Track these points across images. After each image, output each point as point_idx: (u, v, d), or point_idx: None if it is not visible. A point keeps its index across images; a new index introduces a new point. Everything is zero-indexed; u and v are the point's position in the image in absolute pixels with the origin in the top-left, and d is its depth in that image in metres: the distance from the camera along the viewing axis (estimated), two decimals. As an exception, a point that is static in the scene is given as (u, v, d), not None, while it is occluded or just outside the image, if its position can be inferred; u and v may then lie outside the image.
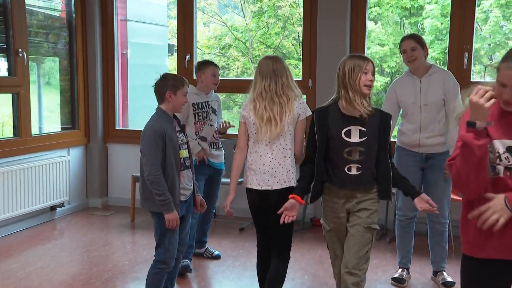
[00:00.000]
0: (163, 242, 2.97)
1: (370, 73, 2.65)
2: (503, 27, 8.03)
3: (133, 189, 5.30)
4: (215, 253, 4.22)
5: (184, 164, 3.02)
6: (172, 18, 8.76)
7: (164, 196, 2.87)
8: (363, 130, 2.61)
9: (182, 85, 2.98)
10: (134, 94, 6.61)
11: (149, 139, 2.88)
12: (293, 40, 9.39)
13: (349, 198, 2.66)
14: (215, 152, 4.02)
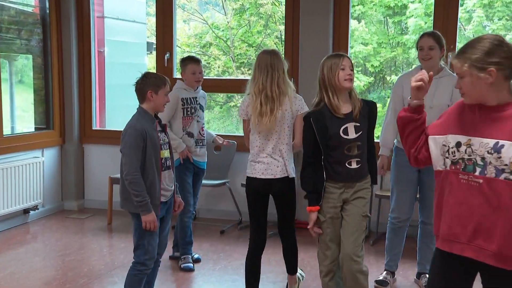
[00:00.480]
0: (143, 244, 2.95)
1: (347, 68, 2.80)
2: (486, 27, 8.14)
3: (110, 191, 5.25)
4: (194, 256, 4.20)
5: (165, 165, 3.01)
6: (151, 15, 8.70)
7: (141, 197, 2.85)
8: (357, 126, 2.82)
9: (164, 84, 2.98)
10: (112, 94, 6.55)
11: (130, 139, 2.87)
12: (275, 39, 9.40)
13: (346, 188, 2.86)
14: (200, 149, 4.05)
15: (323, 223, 2.91)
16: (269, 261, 4.23)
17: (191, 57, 4.06)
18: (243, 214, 5.29)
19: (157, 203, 2.95)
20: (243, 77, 9.12)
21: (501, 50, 1.87)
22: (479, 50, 1.88)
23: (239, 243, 4.70)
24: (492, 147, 1.88)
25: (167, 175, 3.03)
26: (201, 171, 4.13)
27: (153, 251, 2.98)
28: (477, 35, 2.12)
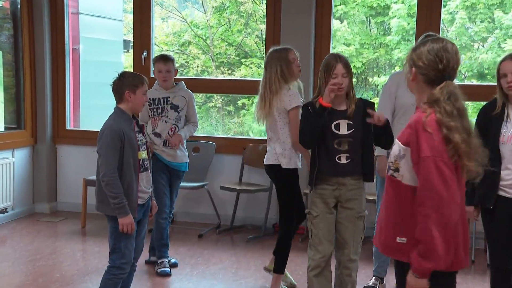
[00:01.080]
0: (119, 247, 2.93)
1: (339, 76, 2.94)
2: (468, 29, 8.27)
3: (85, 193, 5.19)
4: (171, 261, 4.17)
5: (143, 166, 2.99)
6: (128, 12, 8.63)
7: (118, 199, 2.84)
8: (350, 123, 2.97)
9: (141, 83, 2.97)
10: (87, 93, 6.48)
11: (107, 139, 2.86)
12: (256, 38, 9.41)
13: (339, 185, 3.00)
14: (169, 150, 4.02)
15: (316, 218, 3.05)
16: (249, 266, 4.22)
17: (160, 56, 4.08)
18: (221, 217, 5.28)
19: (134, 206, 2.93)
20: (222, 77, 9.11)
21: (427, 57, 1.97)
22: (417, 48, 2.02)
23: (217, 247, 4.68)
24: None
25: (145, 176, 3.01)
26: (177, 172, 4.10)
27: (130, 254, 2.96)
28: (460, 37, 2.17)
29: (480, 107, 3.04)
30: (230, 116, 9.47)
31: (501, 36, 7.92)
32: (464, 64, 8.25)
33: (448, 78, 1.97)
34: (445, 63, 1.96)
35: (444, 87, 1.94)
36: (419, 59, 1.99)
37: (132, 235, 2.94)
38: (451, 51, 1.98)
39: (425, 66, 1.97)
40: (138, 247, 3.09)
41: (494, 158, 2.77)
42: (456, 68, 2.00)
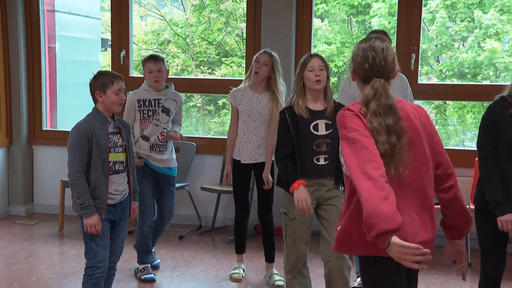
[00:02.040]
0: (90, 246, 2.93)
1: (316, 69, 2.99)
2: (449, 28, 8.37)
3: (62, 195, 5.14)
4: (154, 262, 4.14)
5: (113, 168, 2.96)
6: (105, 10, 8.56)
7: (82, 199, 2.84)
8: (328, 123, 2.98)
9: (112, 82, 2.92)
10: (64, 92, 6.43)
11: (73, 138, 2.88)
12: (236, 37, 9.41)
13: (318, 186, 3.00)
14: (157, 155, 3.91)
15: (292, 220, 3.02)
16: (230, 267, 4.23)
17: (149, 56, 4.00)
18: (202, 218, 5.28)
19: (103, 207, 2.92)
20: (202, 76, 9.09)
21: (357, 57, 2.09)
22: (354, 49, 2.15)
23: (198, 249, 4.67)
24: None
25: (117, 179, 2.98)
26: (165, 177, 3.98)
27: (103, 253, 2.95)
28: (440, 36, 2.23)
29: (460, 106, 3.03)
30: (210, 115, 9.45)
31: (481, 35, 8.04)
32: (444, 63, 8.36)
33: (378, 76, 2.04)
34: (370, 62, 2.05)
35: (372, 86, 2.03)
36: (352, 60, 2.12)
37: (103, 234, 2.92)
38: (377, 49, 2.06)
39: (356, 66, 2.10)
40: (116, 250, 3.07)
41: (507, 157, 2.70)
42: (384, 64, 2.06)
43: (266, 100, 3.78)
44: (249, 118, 3.79)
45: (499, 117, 2.72)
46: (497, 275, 2.81)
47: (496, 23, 7.90)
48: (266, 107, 3.77)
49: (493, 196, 2.71)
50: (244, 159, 3.81)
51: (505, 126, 2.69)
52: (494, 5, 7.99)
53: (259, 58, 3.76)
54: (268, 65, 3.75)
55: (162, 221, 4.06)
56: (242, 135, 3.82)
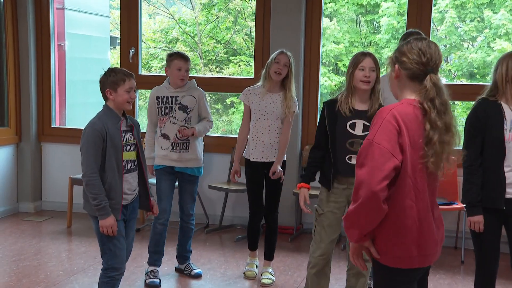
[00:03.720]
0: (108, 248, 2.91)
1: (367, 69, 2.97)
2: (458, 28, 8.33)
3: (71, 192, 5.15)
4: (194, 271, 4.01)
5: (126, 167, 2.94)
6: (114, 9, 8.58)
7: (98, 200, 2.80)
8: (367, 125, 2.97)
9: (123, 80, 2.89)
10: (73, 90, 6.44)
11: (88, 138, 2.83)
12: (245, 36, 9.40)
13: (349, 185, 2.98)
14: (178, 154, 3.82)
15: (321, 215, 3.07)
16: (237, 266, 4.22)
17: (179, 53, 3.91)
18: (210, 217, 5.27)
19: (118, 207, 2.89)
20: (210, 74, 9.09)
21: (411, 52, 2.02)
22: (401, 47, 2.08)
23: (206, 247, 4.67)
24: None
25: (130, 178, 2.96)
26: (186, 177, 3.89)
27: (121, 253, 2.93)
28: (450, 36, 2.22)
29: (469, 106, 3.04)
30: (218, 114, 9.45)
31: (491, 35, 7.99)
32: (453, 63, 8.31)
33: (432, 72, 2.01)
34: (428, 57, 2.01)
35: (431, 80, 1.99)
36: (402, 55, 2.04)
37: (120, 235, 2.90)
38: (434, 48, 2.03)
39: (409, 61, 2.02)
40: (126, 250, 3.05)
41: (497, 157, 2.76)
42: (438, 64, 2.04)
43: (280, 99, 3.78)
44: (263, 116, 3.79)
45: (485, 117, 2.79)
46: (494, 270, 2.88)
47: (506, 23, 7.84)
48: (280, 106, 3.77)
49: (470, 196, 2.82)
50: (256, 157, 3.80)
51: (491, 126, 2.76)
52: (505, 5, 7.93)
53: (280, 59, 3.75)
54: (287, 66, 3.76)
55: (182, 220, 3.99)
56: (255, 133, 3.81)
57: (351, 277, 3.17)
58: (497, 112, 2.78)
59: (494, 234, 2.84)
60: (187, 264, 4.05)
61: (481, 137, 2.80)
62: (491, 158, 2.78)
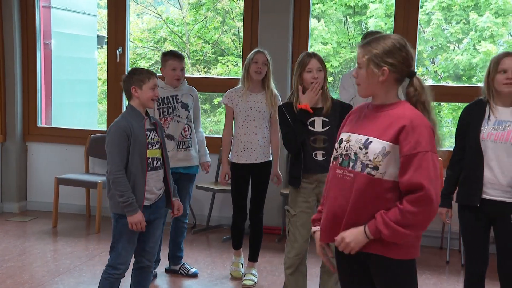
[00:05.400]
0: (117, 247, 2.94)
1: (314, 70, 3.06)
2: (444, 30, 8.38)
3: (56, 192, 5.10)
4: (191, 271, 4.03)
5: (152, 165, 2.95)
6: (102, 8, 8.52)
7: (125, 197, 2.82)
8: (325, 120, 3.04)
9: (148, 78, 2.95)
10: (59, 89, 6.38)
11: (113, 136, 2.87)
12: (233, 36, 9.38)
13: (318, 183, 3.04)
14: (184, 152, 3.82)
15: (294, 216, 3.10)
16: (224, 267, 4.20)
17: (174, 52, 3.90)
18: (197, 217, 5.25)
19: (140, 205, 2.89)
20: (198, 74, 9.06)
21: (400, 53, 1.99)
22: (381, 46, 1.99)
23: (193, 247, 4.65)
24: (363, 143, 2.01)
25: (154, 176, 2.97)
26: (186, 177, 3.87)
27: (126, 256, 2.94)
28: (436, 38, 2.23)
29: (455, 107, 3.08)
30: (206, 114, 9.42)
31: (476, 38, 8.05)
32: (440, 65, 8.36)
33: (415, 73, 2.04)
34: (412, 59, 2.03)
35: (418, 82, 2.01)
36: (389, 57, 1.98)
37: (132, 237, 2.92)
38: (408, 44, 2.04)
39: (399, 64, 1.99)
40: (152, 248, 3.06)
41: (476, 155, 2.82)
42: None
43: (264, 99, 3.79)
44: (249, 117, 3.78)
45: (468, 119, 2.88)
46: (481, 271, 2.89)
47: (491, 26, 7.91)
48: (265, 105, 3.78)
49: (443, 188, 2.94)
50: (246, 159, 3.78)
51: (473, 125, 2.84)
52: (490, 8, 8.00)
53: (258, 59, 3.75)
54: (266, 65, 3.76)
55: (177, 220, 3.95)
56: (243, 135, 3.78)
57: (324, 274, 3.20)
58: (481, 112, 2.84)
59: (477, 235, 2.86)
60: (182, 265, 4.04)
61: (463, 136, 2.91)
62: (470, 156, 2.86)
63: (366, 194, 1.98)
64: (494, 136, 2.78)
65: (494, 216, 2.83)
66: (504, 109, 2.80)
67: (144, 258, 3.04)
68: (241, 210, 3.90)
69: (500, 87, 2.78)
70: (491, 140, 2.79)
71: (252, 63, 3.75)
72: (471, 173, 2.85)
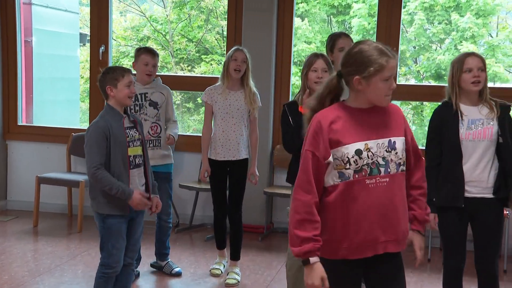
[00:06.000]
0: (106, 247, 2.94)
1: (320, 70, 3.03)
2: (427, 30, 8.45)
3: (37, 191, 5.04)
4: (175, 270, 3.99)
5: (134, 162, 2.95)
6: (84, 5, 8.44)
7: (114, 189, 2.83)
8: None
9: (122, 75, 2.93)
10: (41, 87, 6.29)
11: (91, 136, 2.87)
12: (217, 35, 9.35)
13: None
14: (151, 151, 3.72)
15: None
16: (208, 266, 4.19)
17: (147, 48, 3.89)
18: (180, 216, 5.23)
19: (124, 203, 2.89)
20: (182, 73, 9.02)
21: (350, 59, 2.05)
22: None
23: (176, 247, 4.61)
24: (387, 146, 2.05)
25: (137, 173, 2.98)
26: (159, 173, 3.75)
27: (118, 254, 2.95)
28: (419, 38, 2.28)
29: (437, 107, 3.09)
30: (189, 113, 9.39)
31: (458, 38, 8.14)
32: (422, 65, 8.43)
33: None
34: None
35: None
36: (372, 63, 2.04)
37: (120, 235, 2.93)
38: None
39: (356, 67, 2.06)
40: (135, 246, 3.07)
41: (455, 156, 2.85)
42: None
43: (243, 97, 3.80)
44: (228, 115, 3.79)
45: (442, 119, 2.90)
46: (459, 266, 2.94)
47: (472, 27, 8.00)
48: (244, 103, 3.79)
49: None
50: (224, 156, 3.80)
51: (445, 126, 2.87)
52: (470, 8, 8.09)
53: (237, 56, 3.76)
54: (245, 62, 3.76)
55: (160, 220, 3.94)
56: (221, 132, 3.80)
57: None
58: (453, 113, 2.87)
59: (457, 232, 2.90)
60: (167, 263, 4.02)
61: (438, 139, 2.92)
62: (449, 158, 2.88)
63: (403, 189, 2.11)
64: (471, 135, 2.83)
65: (474, 213, 2.87)
66: (472, 108, 2.87)
67: (126, 256, 3.03)
68: (222, 206, 3.92)
69: (469, 86, 2.84)
70: (469, 140, 2.84)
71: (231, 60, 3.75)
72: (450, 175, 2.87)
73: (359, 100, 2.08)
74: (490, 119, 2.84)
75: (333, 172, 2.05)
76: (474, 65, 2.83)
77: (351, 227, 2.04)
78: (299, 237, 2.00)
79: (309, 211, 2.01)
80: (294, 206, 2.05)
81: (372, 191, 2.02)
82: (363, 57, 2.01)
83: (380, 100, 2.05)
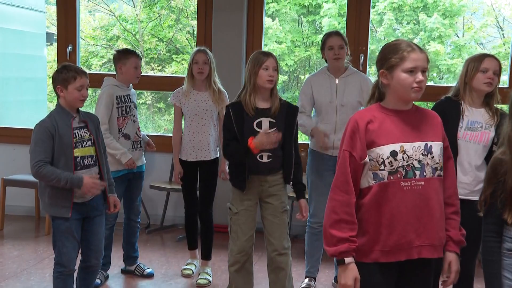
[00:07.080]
0: (58, 245, 2.92)
1: (270, 68, 2.98)
2: (396, 30, 8.57)
3: (3, 193, 4.92)
4: (146, 271, 3.95)
5: (82, 163, 2.88)
6: (50, 4, 8.30)
7: (63, 179, 2.76)
8: (272, 122, 3.00)
9: (74, 78, 2.85)
10: (6, 87, 6.17)
11: (36, 135, 2.83)
12: (187, 34, 9.32)
13: (261, 182, 3.05)
14: (138, 152, 3.81)
15: (236, 214, 3.09)
16: (179, 266, 4.16)
17: (132, 50, 3.84)
18: (151, 217, 5.18)
19: (68, 205, 2.84)
20: (152, 73, 8.94)
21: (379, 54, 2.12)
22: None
23: (146, 247, 4.57)
24: (424, 149, 2.04)
25: (88, 174, 2.89)
26: (137, 175, 3.84)
27: (69, 253, 2.91)
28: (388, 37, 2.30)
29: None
30: (160, 113, 9.32)
31: (425, 38, 8.28)
32: (391, 64, 8.56)
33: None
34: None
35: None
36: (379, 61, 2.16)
37: (70, 235, 2.88)
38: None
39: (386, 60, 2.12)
40: (97, 247, 3.02)
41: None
42: None
43: (210, 96, 3.80)
44: (197, 116, 3.79)
45: (443, 113, 2.80)
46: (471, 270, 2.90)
47: (440, 27, 8.15)
48: (212, 104, 3.80)
49: None
50: (195, 157, 3.80)
51: (446, 122, 2.79)
52: (438, 9, 8.24)
53: (198, 59, 3.75)
54: (208, 63, 3.76)
55: (129, 220, 3.91)
56: (192, 133, 3.79)
57: (271, 273, 3.16)
58: (455, 110, 2.87)
59: None
60: (137, 265, 3.98)
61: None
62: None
63: (440, 195, 2.07)
64: (469, 136, 2.85)
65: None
66: (476, 110, 2.88)
67: (91, 257, 3.01)
68: (193, 204, 3.92)
69: (481, 86, 2.85)
70: (465, 140, 2.85)
71: (193, 64, 3.75)
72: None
73: (391, 99, 2.08)
74: (489, 125, 2.85)
75: (368, 173, 2.04)
76: (491, 67, 2.84)
77: (384, 229, 2.01)
78: (335, 237, 2.00)
79: (348, 211, 2.01)
80: (331, 206, 2.03)
81: (407, 193, 2.01)
82: (388, 50, 2.06)
83: (406, 93, 2.02)
